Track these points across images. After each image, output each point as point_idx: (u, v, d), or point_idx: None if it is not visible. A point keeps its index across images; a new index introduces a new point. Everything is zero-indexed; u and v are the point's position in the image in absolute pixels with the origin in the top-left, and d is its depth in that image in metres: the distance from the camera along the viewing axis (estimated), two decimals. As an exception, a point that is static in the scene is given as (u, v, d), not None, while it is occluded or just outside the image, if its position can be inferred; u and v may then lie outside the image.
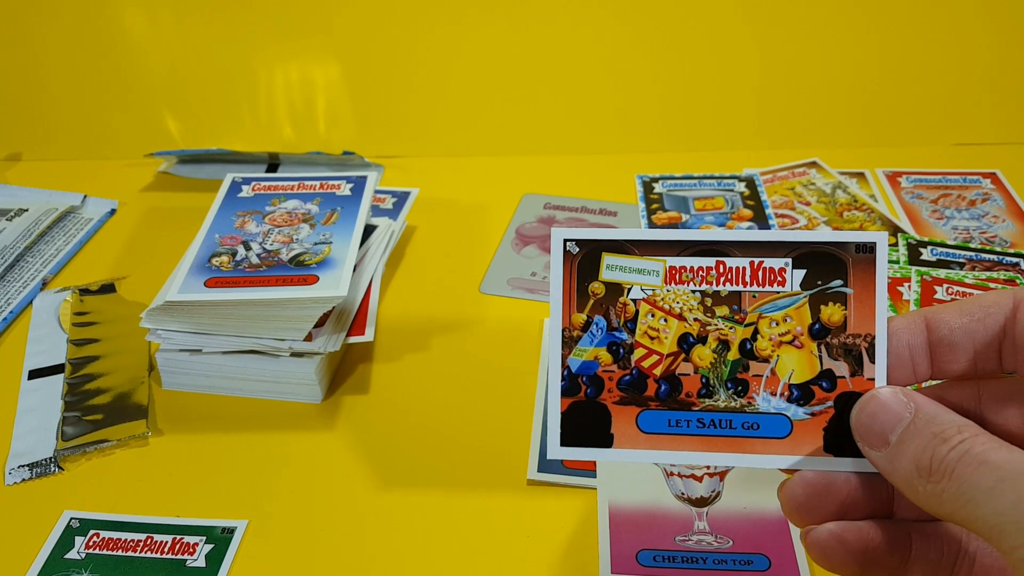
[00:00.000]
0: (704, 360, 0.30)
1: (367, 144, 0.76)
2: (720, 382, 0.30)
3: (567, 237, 0.30)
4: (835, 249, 0.30)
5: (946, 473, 0.25)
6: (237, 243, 0.53)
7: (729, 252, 0.30)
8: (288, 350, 0.49)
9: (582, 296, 0.30)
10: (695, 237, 0.30)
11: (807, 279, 0.30)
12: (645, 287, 0.30)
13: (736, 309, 0.30)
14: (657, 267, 0.30)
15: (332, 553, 0.42)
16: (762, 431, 0.30)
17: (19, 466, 0.47)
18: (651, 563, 0.40)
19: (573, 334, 0.30)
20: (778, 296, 0.30)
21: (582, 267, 0.30)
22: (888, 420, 0.27)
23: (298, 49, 0.78)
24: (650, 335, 0.30)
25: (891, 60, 0.75)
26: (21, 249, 0.64)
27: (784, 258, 0.30)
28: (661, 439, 0.30)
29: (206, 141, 0.79)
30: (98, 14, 0.77)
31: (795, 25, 0.75)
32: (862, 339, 0.30)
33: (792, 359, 0.30)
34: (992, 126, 0.75)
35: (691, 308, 0.30)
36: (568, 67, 0.77)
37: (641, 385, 0.30)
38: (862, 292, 0.30)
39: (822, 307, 0.30)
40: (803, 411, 0.30)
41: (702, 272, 0.30)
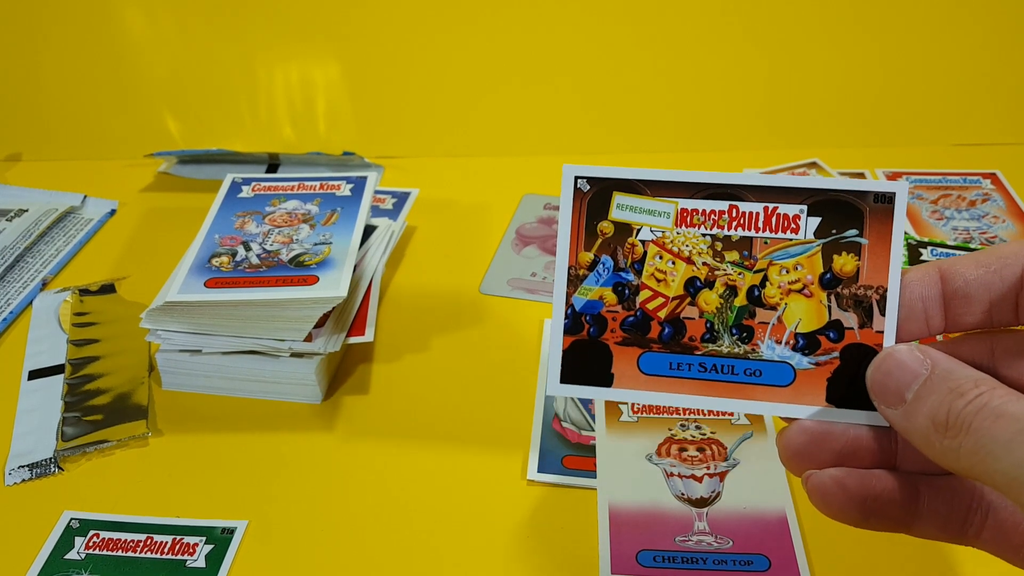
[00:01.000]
0: (710, 305, 0.30)
1: (367, 144, 0.76)
2: (725, 327, 0.30)
3: (579, 174, 0.30)
4: (853, 198, 0.29)
5: (963, 428, 0.25)
6: (237, 243, 0.53)
7: (743, 196, 0.30)
8: (288, 350, 0.49)
9: (590, 235, 0.30)
10: (710, 180, 0.30)
11: (822, 227, 0.29)
12: (655, 228, 0.30)
13: (746, 255, 0.30)
14: (668, 209, 0.30)
15: (332, 553, 0.42)
16: (764, 378, 0.29)
17: (19, 466, 0.47)
18: (651, 563, 0.40)
19: (579, 272, 0.30)
20: (790, 243, 0.30)
21: (592, 205, 0.30)
22: (904, 377, 0.27)
23: (298, 49, 0.78)
24: (657, 277, 0.30)
25: (891, 60, 0.75)
26: (21, 249, 0.64)
27: (799, 205, 0.29)
28: (661, 381, 0.30)
29: (206, 141, 0.79)
30: (98, 14, 0.77)
31: (795, 26, 0.75)
32: (874, 291, 0.29)
33: (800, 308, 0.29)
34: (992, 126, 0.75)
35: (700, 252, 0.30)
36: (568, 68, 0.77)
37: (645, 327, 0.30)
38: (877, 243, 0.29)
39: (835, 256, 0.29)
40: (808, 360, 0.29)
41: (714, 216, 0.30)
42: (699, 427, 0.47)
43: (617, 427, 0.47)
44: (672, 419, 0.47)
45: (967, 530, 0.28)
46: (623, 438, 0.46)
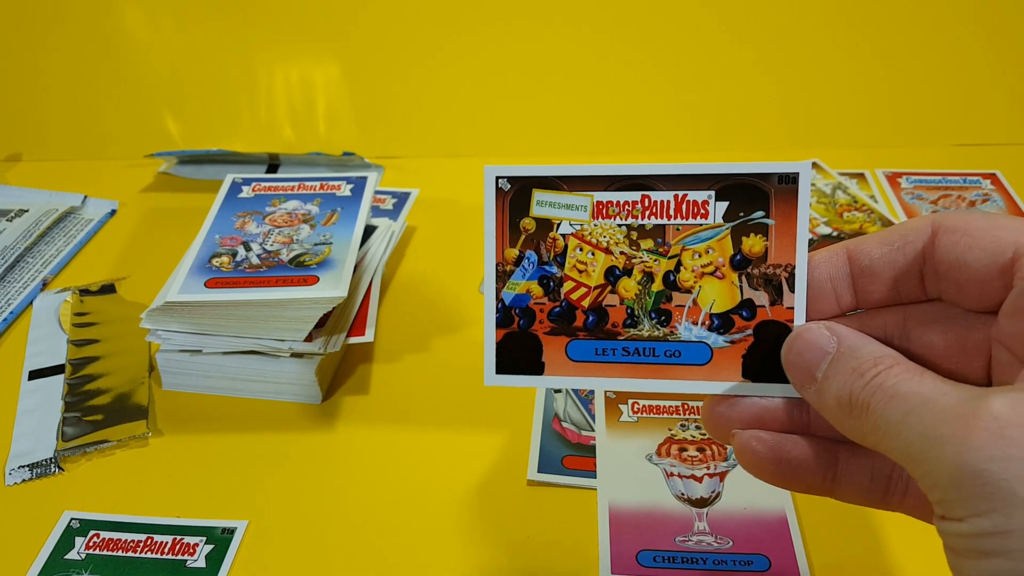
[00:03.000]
0: (629, 292, 0.31)
1: (367, 145, 0.76)
2: (644, 312, 0.31)
3: (499, 174, 0.31)
4: (758, 181, 0.30)
5: (864, 408, 0.26)
6: (237, 244, 0.53)
7: (654, 186, 0.31)
8: (288, 351, 0.49)
9: (514, 232, 0.31)
10: (621, 172, 0.31)
11: (730, 211, 0.30)
12: (574, 222, 0.31)
13: (660, 242, 0.31)
14: (585, 202, 0.31)
15: (332, 553, 0.42)
16: (683, 359, 0.31)
17: (19, 466, 0.47)
18: (651, 563, 0.40)
19: (506, 268, 0.32)
20: (701, 228, 0.31)
21: (514, 203, 0.31)
22: (813, 357, 0.28)
23: (298, 50, 0.78)
24: (579, 268, 0.31)
25: (891, 61, 0.75)
26: (21, 250, 0.64)
27: (707, 191, 0.30)
28: (589, 367, 0.31)
29: (206, 142, 0.79)
30: (98, 15, 0.77)
31: (795, 26, 0.75)
32: (782, 269, 0.30)
33: (714, 289, 0.31)
34: (992, 127, 0.75)
35: (617, 242, 0.31)
36: (568, 68, 0.77)
37: (570, 316, 0.31)
38: (784, 223, 0.30)
39: (744, 238, 0.30)
40: (723, 339, 0.30)
41: (628, 206, 0.31)
42: (699, 427, 0.47)
43: (617, 427, 0.47)
44: (672, 419, 0.47)
45: (890, 497, 0.30)
46: (623, 438, 0.46)
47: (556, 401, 0.49)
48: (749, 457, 0.29)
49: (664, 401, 0.48)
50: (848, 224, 0.65)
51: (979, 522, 0.23)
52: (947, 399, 0.24)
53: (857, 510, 0.43)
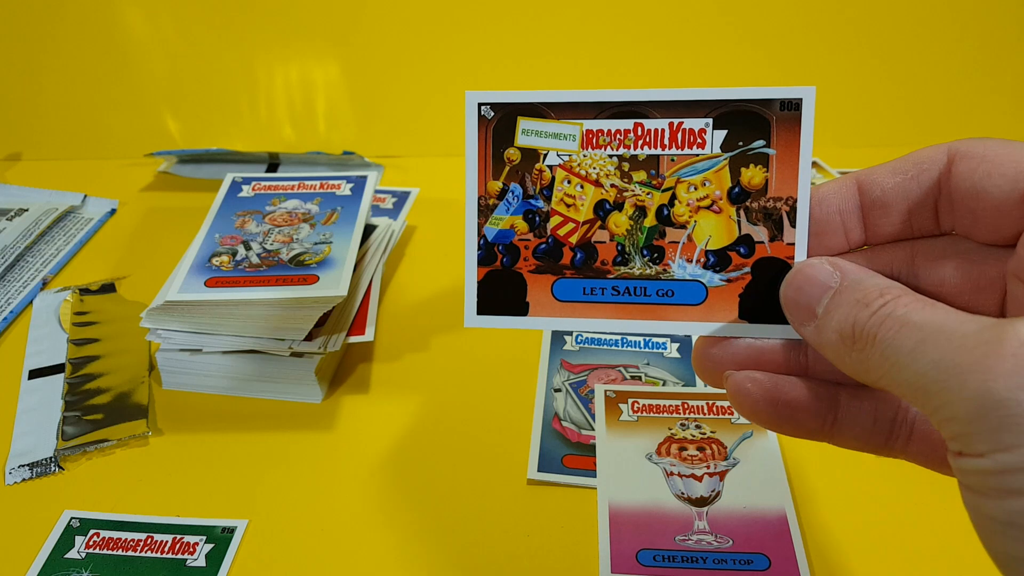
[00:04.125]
0: (620, 227, 0.29)
1: (367, 144, 0.76)
2: (636, 249, 0.29)
3: (481, 100, 0.30)
4: (758, 107, 0.28)
5: (869, 339, 0.24)
6: (237, 243, 0.53)
7: (648, 113, 0.29)
8: (288, 350, 0.49)
9: (498, 163, 0.30)
10: (613, 98, 0.29)
11: (728, 140, 0.28)
12: (561, 152, 0.29)
13: (654, 174, 0.29)
14: (574, 131, 0.29)
15: (332, 553, 0.42)
16: (677, 298, 0.29)
17: (19, 466, 0.47)
18: (651, 563, 0.40)
19: (489, 202, 0.30)
20: (697, 159, 0.29)
21: (497, 132, 0.30)
22: (814, 292, 0.27)
23: (298, 49, 0.78)
24: (566, 202, 0.30)
25: (891, 60, 0.75)
26: (21, 249, 0.64)
27: (705, 118, 0.28)
28: (576, 307, 0.30)
29: (206, 141, 0.79)
30: (98, 14, 0.77)
31: (795, 25, 0.75)
32: (783, 202, 0.28)
33: (710, 224, 0.29)
34: (992, 126, 0.75)
35: (608, 174, 0.29)
36: (568, 68, 0.77)
37: (557, 253, 0.30)
38: (785, 153, 0.28)
39: (743, 170, 0.28)
40: (719, 277, 0.29)
41: (620, 135, 0.29)
42: (699, 426, 0.47)
43: (617, 426, 0.47)
44: (672, 418, 0.47)
45: (893, 442, 0.28)
46: (623, 437, 0.46)
47: (556, 400, 0.49)
48: (743, 399, 0.28)
49: (664, 400, 0.48)
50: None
51: (1003, 458, 0.21)
52: (966, 327, 0.22)
53: (857, 510, 0.43)
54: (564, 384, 0.51)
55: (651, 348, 0.53)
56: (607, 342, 0.54)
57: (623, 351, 0.53)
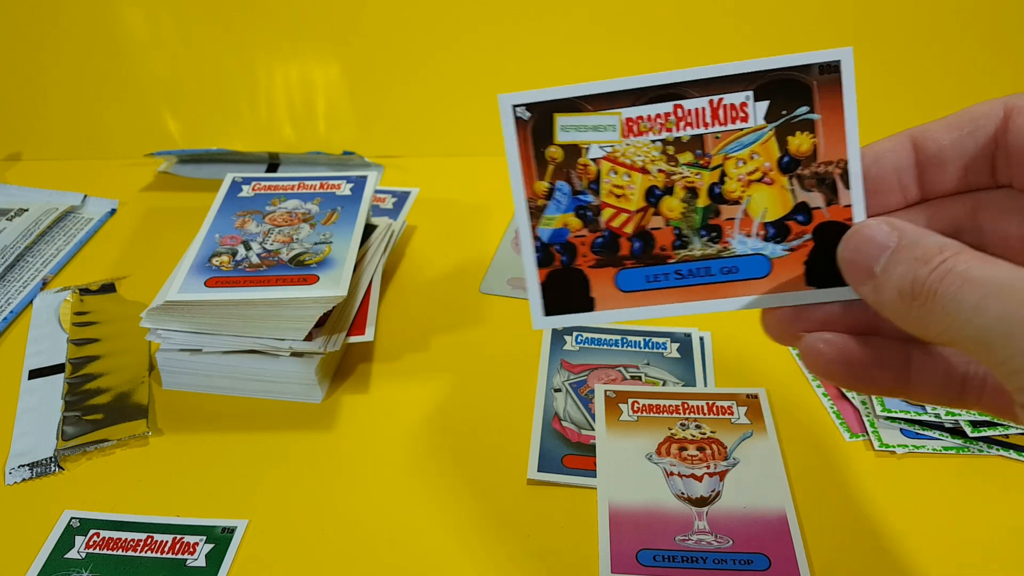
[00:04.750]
0: (674, 211, 0.29)
1: (367, 144, 0.76)
2: (693, 231, 0.29)
3: (515, 102, 0.29)
4: (797, 74, 0.28)
5: (929, 295, 0.24)
6: (237, 243, 0.53)
7: (686, 93, 0.29)
8: (288, 350, 0.49)
9: (540, 163, 0.29)
10: (648, 82, 0.29)
11: (771, 110, 0.29)
12: (603, 144, 0.29)
13: (700, 154, 0.29)
14: (613, 121, 0.29)
15: (332, 553, 0.42)
16: (741, 274, 0.29)
17: (19, 466, 0.47)
18: (651, 563, 0.40)
19: (538, 204, 0.30)
20: (742, 133, 0.29)
21: (536, 133, 0.29)
22: (872, 251, 0.27)
23: (298, 49, 0.78)
24: (616, 193, 0.30)
25: (891, 59, 0.75)
26: (21, 249, 0.64)
27: (744, 91, 0.28)
28: (642, 296, 0.30)
29: (206, 141, 0.79)
30: (98, 14, 0.77)
31: (794, 25, 0.75)
32: (834, 166, 0.28)
33: (764, 197, 0.29)
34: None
35: (653, 159, 0.29)
36: (568, 67, 0.77)
37: (614, 245, 0.30)
38: (830, 116, 0.28)
39: (789, 138, 0.29)
40: (781, 248, 0.29)
41: (660, 119, 0.29)
42: (699, 426, 0.47)
43: (617, 426, 0.47)
44: (672, 418, 0.47)
45: (966, 395, 0.28)
46: (623, 437, 0.46)
47: (556, 400, 0.49)
48: (817, 360, 0.28)
49: (664, 400, 0.48)
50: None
51: None
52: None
53: (857, 510, 0.43)
54: (564, 384, 0.51)
55: (651, 348, 0.53)
56: (607, 342, 0.54)
57: (623, 351, 0.53)
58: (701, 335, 0.53)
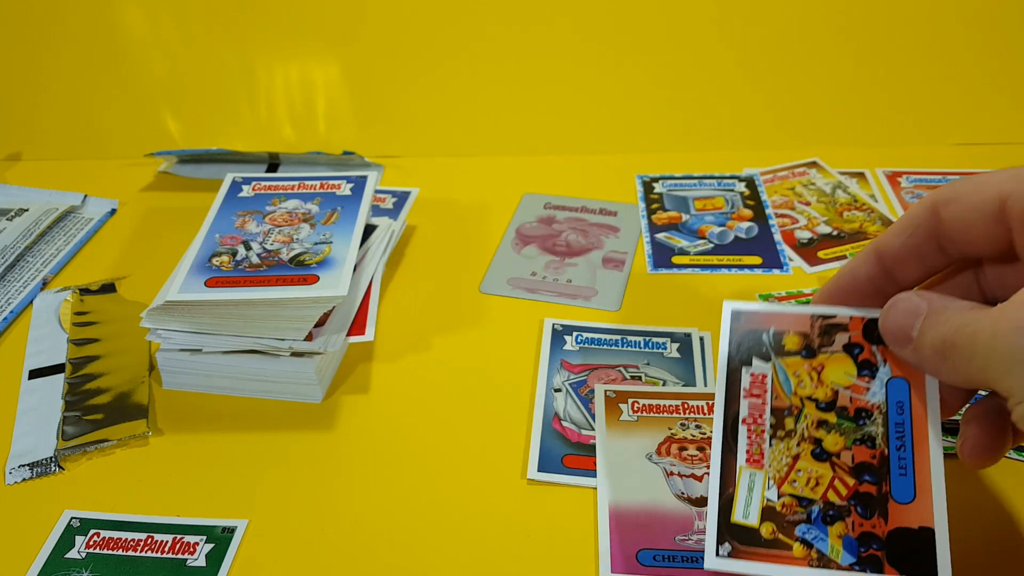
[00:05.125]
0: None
1: (367, 144, 0.76)
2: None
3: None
4: None
5: (952, 348, 0.30)
6: (237, 243, 0.53)
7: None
8: (288, 350, 0.49)
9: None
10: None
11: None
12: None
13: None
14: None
15: (332, 552, 0.42)
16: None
17: (19, 465, 0.47)
18: (651, 562, 0.40)
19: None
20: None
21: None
22: (908, 320, 0.33)
23: (298, 49, 0.78)
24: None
25: (891, 60, 0.75)
26: (21, 249, 0.64)
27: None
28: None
29: (206, 141, 0.79)
30: (98, 14, 0.77)
31: (794, 25, 0.75)
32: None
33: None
34: (992, 126, 0.75)
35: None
36: (568, 67, 0.77)
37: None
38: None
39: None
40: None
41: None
42: (699, 426, 0.47)
43: (617, 426, 0.47)
44: (672, 418, 0.47)
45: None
46: (623, 437, 0.46)
47: (556, 400, 0.49)
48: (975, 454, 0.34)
49: (664, 400, 0.48)
50: (848, 223, 0.65)
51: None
52: (1003, 316, 0.28)
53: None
54: (564, 384, 0.51)
55: (651, 348, 0.53)
56: (607, 342, 0.54)
57: (623, 351, 0.53)
58: (701, 335, 0.54)
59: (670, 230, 0.65)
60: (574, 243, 0.64)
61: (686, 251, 0.63)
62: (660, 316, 0.56)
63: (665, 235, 0.65)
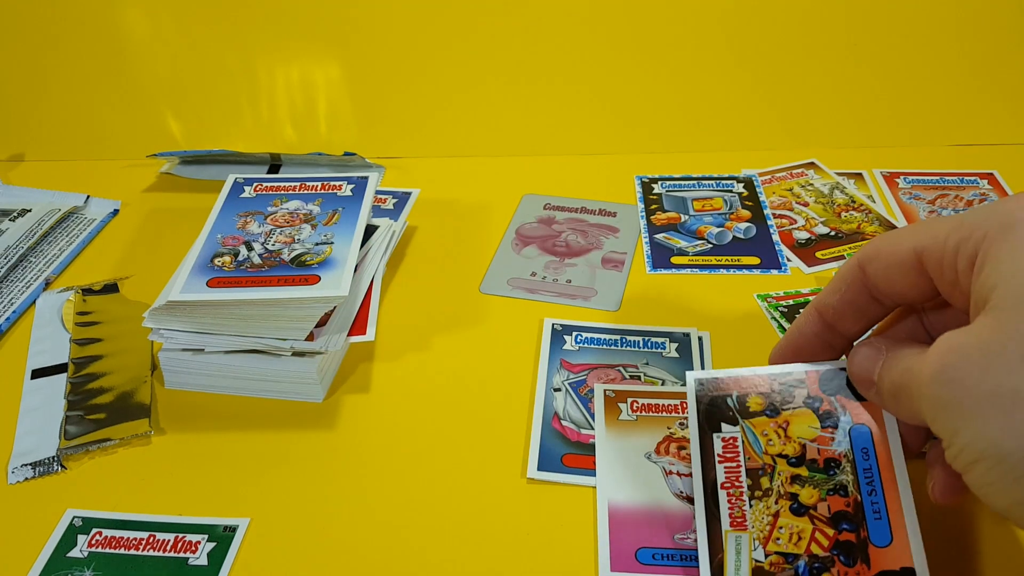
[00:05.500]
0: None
1: (368, 145, 0.77)
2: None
3: None
4: None
5: (905, 390, 0.32)
6: (239, 243, 0.54)
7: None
8: (290, 349, 0.49)
9: None
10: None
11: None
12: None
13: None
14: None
15: (333, 551, 0.42)
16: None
17: (22, 465, 0.47)
18: (650, 561, 0.40)
19: None
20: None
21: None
22: (869, 365, 0.35)
23: (299, 50, 0.78)
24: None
25: (888, 61, 0.76)
26: (24, 249, 0.65)
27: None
28: None
29: (208, 142, 0.79)
30: (100, 15, 0.77)
31: (793, 26, 0.75)
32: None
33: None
34: (989, 127, 0.75)
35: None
36: (568, 67, 0.77)
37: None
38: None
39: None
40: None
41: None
42: (698, 426, 0.47)
43: (616, 425, 0.47)
44: (671, 417, 0.47)
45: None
46: (622, 436, 0.47)
47: (556, 399, 0.50)
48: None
49: (663, 400, 0.49)
50: (846, 224, 0.65)
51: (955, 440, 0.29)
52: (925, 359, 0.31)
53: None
54: (564, 383, 0.51)
55: (650, 348, 0.53)
56: (606, 342, 0.54)
57: (622, 351, 0.53)
58: (700, 335, 0.54)
59: (669, 230, 0.66)
60: (574, 243, 0.65)
61: (685, 251, 0.63)
62: (659, 316, 0.56)
63: (664, 235, 0.65)
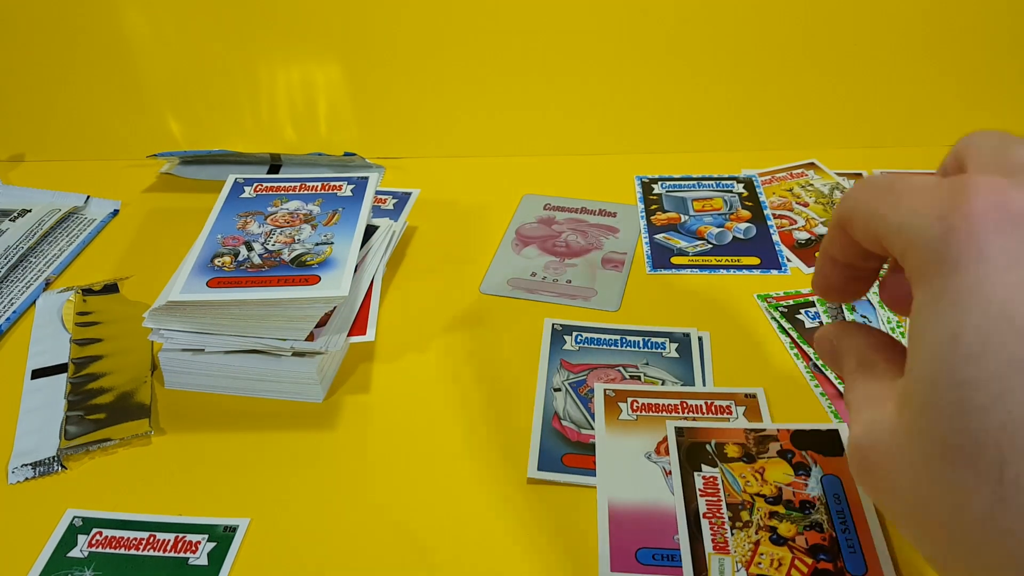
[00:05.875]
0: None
1: (368, 145, 0.77)
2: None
3: None
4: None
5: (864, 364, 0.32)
6: (239, 243, 0.54)
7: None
8: (290, 350, 0.49)
9: None
10: None
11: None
12: None
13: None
14: None
15: (333, 551, 0.42)
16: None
17: (22, 465, 0.47)
18: (650, 561, 0.40)
19: None
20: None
21: None
22: (824, 343, 0.35)
23: (300, 50, 0.78)
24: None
25: (888, 62, 0.76)
26: (24, 249, 0.65)
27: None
28: None
29: (208, 142, 0.79)
30: (101, 16, 0.77)
31: (793, 26, 0.75)
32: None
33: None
34: (987, 127, 0.75)
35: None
36: (568, 68, 0.77)
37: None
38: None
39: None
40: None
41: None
42: (698, 426, 0.47)
43: (616, 425, 0.47)
44: (671, 417, 0.47)
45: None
46: (622, 436, 0.47)
47: (556, 399, 0.50)
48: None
49: (663, 400, 0.49)
50: (847, 224, 0.65)
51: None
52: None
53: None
54: (564, 383, 0.51)
55: (650, 348, 0.53)
56: (606, 342, 0.54)
57: (622, 351, 0.53)
58: (700, 335, 0.54)
59: (669, 231, 0.66)
60: (574, 244, 0.65)
61: (685, 252, 0.63)
62: (659, 316, 0.56)
63: (664, 236, 0.65)
